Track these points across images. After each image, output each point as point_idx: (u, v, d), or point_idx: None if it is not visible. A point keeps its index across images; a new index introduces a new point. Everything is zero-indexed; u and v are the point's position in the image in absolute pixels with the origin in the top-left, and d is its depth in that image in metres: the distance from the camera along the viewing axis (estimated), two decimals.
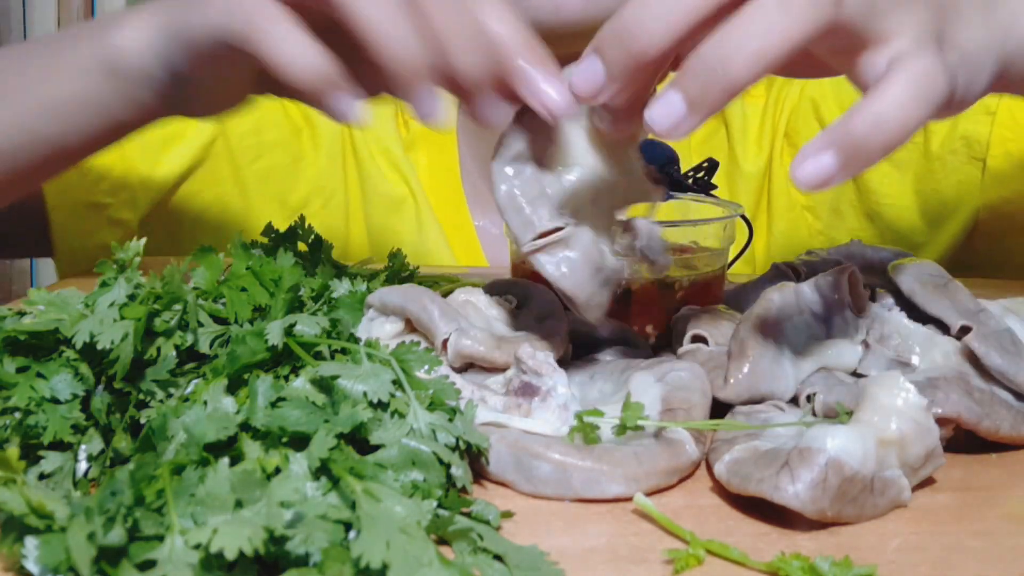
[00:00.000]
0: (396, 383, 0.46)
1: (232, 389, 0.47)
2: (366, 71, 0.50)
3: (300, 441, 0.42)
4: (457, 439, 0.45)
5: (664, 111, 0.44)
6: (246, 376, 0.47)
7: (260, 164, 0.99)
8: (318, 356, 0.49)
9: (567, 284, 0.51)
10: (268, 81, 0.56)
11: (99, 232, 0.91)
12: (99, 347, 0.46)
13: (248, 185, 0.98)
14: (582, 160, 0.52)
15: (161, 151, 0.94)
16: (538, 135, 0.51)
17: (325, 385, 0.46)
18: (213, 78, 0.58)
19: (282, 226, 0.65)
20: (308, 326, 0.50)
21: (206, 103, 0.62)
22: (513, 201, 0.51)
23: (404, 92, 0.50)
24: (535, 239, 0.50)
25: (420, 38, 0.49)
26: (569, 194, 0.52)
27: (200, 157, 0.96)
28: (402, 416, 0.45)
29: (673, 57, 0.47)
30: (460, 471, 0.44)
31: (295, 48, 0.49)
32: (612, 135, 0.51)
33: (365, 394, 0.45)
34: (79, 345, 0.47)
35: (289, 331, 0.49)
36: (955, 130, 0.92)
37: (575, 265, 0.51)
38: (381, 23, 0.48)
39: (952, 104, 0.48)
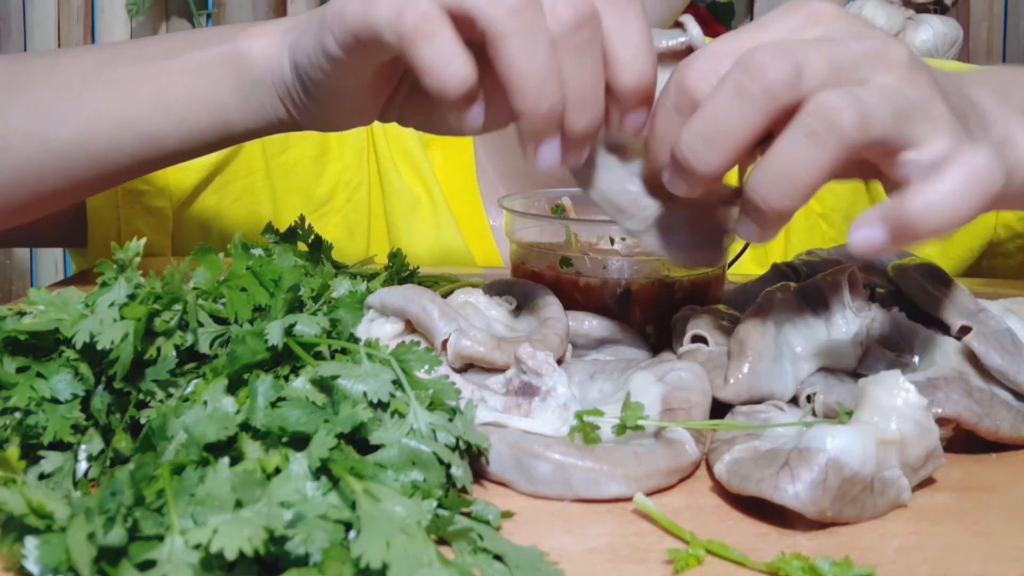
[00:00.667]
0: (396, 383, 0.46)
1: (232, 389, 0.47)
2: (491, 87, 0.51)
3: (300, 441, 0.42)
4: (457, 439, 0.45)
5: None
6: (246, 376, 0.47)
7: (287, 156, 0.98)
8: (318, 356, 0.49)
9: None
10: (401, 97, 0.59)
11: (134, 219, 0.92)
12: (99, 347, 0.46)
13: (275, 176, 0.98)
14: None
15: None
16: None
17: (325, 385, 0.46)
18: (350, 81, 0.58)
19: (308, 218, 0.65)
20: (308, 326, 0.50)
21: (335, 111, 0.62)
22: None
23: (529, 136, 0.52)
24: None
25: (560, 93, 0.50)
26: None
27: (236, 147, 0.95)
28: (402, 416, 0.45)
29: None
30: (460, 471, 0.44)
31: (449, 55, 0.50)
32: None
33: (365, 394, 0.45)
34: (79, 345, 0.47)
35: (289, 331, 0.49)
36: None
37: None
38: (533, 76, 0.49)
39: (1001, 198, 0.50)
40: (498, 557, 0.40)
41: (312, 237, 0.66)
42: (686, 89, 0.50)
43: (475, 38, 0.50)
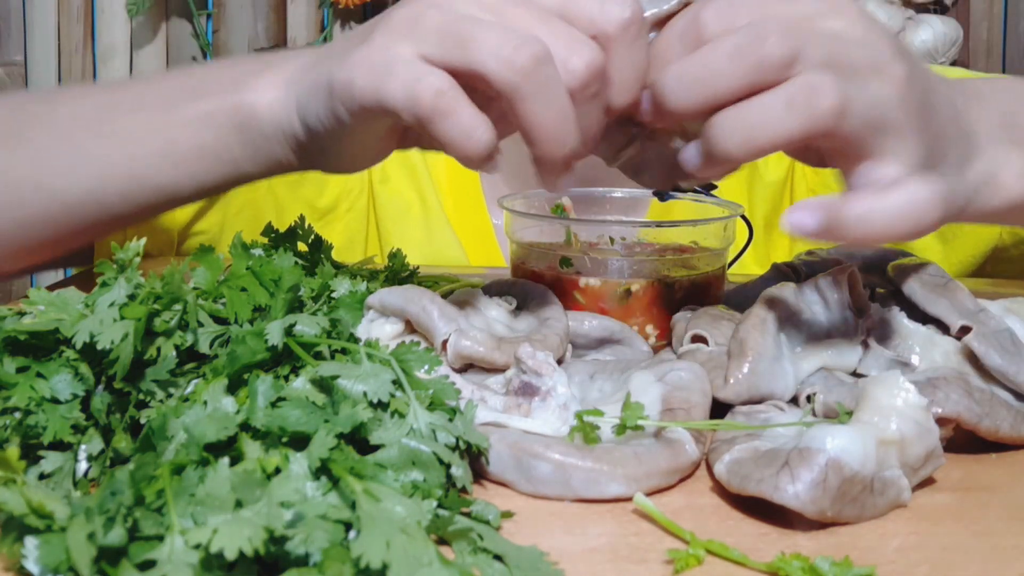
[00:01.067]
0: (396, 383, 0.46)
1: (232, 389, 0.47)
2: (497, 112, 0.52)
3: (300, 441, 0.42)
4: (457, 439, 0.45)
5: (688, 157, 0.53)
6: (246, 376, 0.47)
7: None
8: (318, 356, 0.49)
9: None
10: (411, 138, 0.59)
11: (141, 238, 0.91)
12: (99, 347, 0.46)
13: (279, 190, 0.98)
14: None
15: None
16: None
17: (325, 385, 0.46)
18: (363, 138, 0.58)
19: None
20: (308, 326, 0.50)
21: (348, 160, 0.61)
22: None
23: (548, 174, 0.54)
24: None
25: (575, 138, 0.52)
26: None
27: None
28: (402, 416, 0.45)
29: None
30: (460, 471, 0.44)
31: (469, 127, 0.51)
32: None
33: (365, 394, 0.45)
34: (79, 345, 0.47)
35: (289, 331, 0.49)
36: None
37: None
38: (551, 131, 0.51)
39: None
40: (498, 557, 0.40)
41: (312, 237, 0.66)
42: (697, 24, 0.51)
43: (487, 90, 0.51)
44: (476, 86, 0.51)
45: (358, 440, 0.44)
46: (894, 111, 0.50)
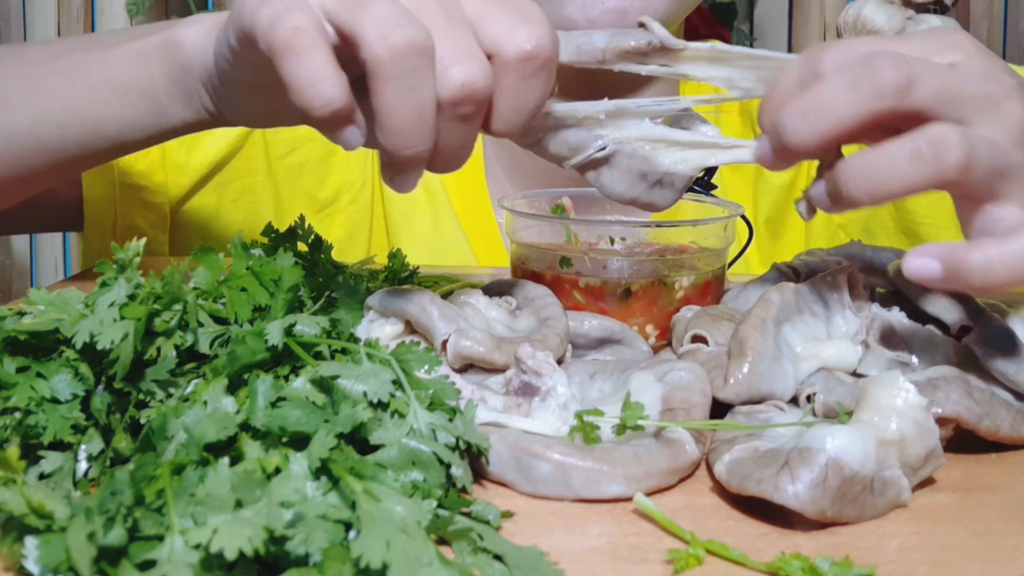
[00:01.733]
0: (396, 383, 0.46)
1: (232, 389, 0.47)
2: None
3: (300, 441, 0.42)
4: (457, 439, 0.45)
5: (817, 195, 0.54)
6: (246, 376, 0.47)
7: (292, 158, 0.98)
8: (318, 356, 0.49)
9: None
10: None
11: (131, 214, 0.92)
12: (99, 347, 0.46)
13: (279, 178, 0.98)
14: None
15: (197, 137, 0.93)
16: None
17: (325, 385, 0.46)
18: (250, 76, 0.57)
19: (311, 220, 0.65)
20: (308, 326, 0.50)
21: (246, 106, 0.62)
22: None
23: (387, 167, 0.52)
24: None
25: (426, 144, 0.50)
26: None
27: (236, 146, 0.95)
28: (402, 416, 0.45)
29: None
30: (460, 471, 0.44)
31: (316, 75, 0.48)
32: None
33: (365, 394, 0.45)
34: (79, 345, 0.47)
35: (289, 331, 0.49)
36: None
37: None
38: (400, 124, 0.49)
39: None
40: (498, 557, 0.40)
41: (312, 237, 0.66)
42: (814, 67, 0.52)
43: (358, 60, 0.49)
44: (355, 54, 0.49)
45: (358, 440, 0.44)
46: (1016, 156, 0.51)
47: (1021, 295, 0.60)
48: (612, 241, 0.69)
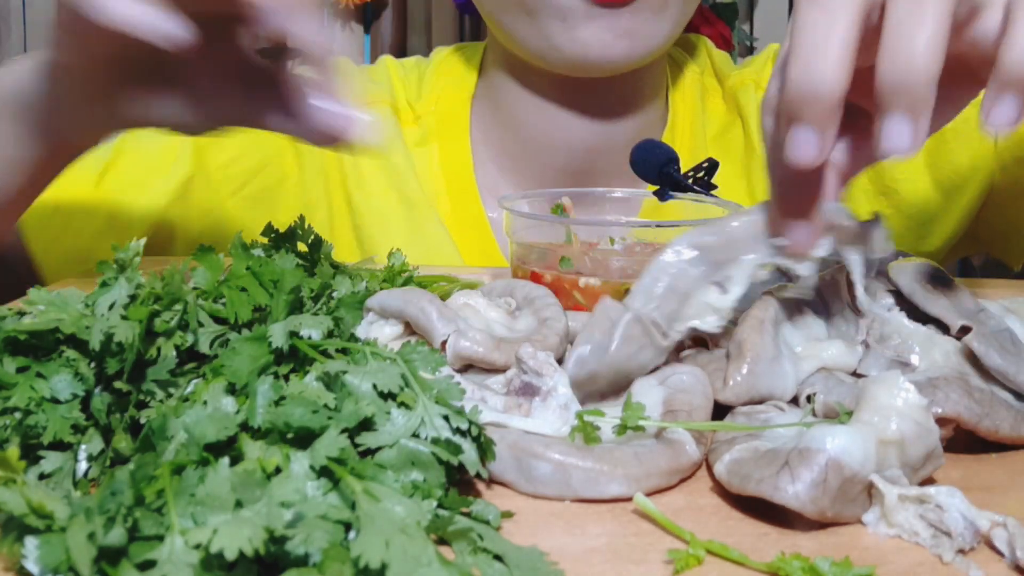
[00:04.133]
0: (403, 379, 0.46)
1: (232, 389, 0.47)
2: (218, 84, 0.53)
3: (302, 440, 0.42)
4: (470, 423, 0.45)
5: (897, 135, 0.47)
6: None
7: (246, 191, 0.98)
8: (323, 355, 0.49)
9: None
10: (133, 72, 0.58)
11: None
12: (114, 342, 0.46)
13: (233, 214, 0.97)
14: None
15: (141, 189, 0.93)
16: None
17: (331, 383, 0.46)
18: (78, 58, 0.58)
19: None
20: (313, 328, 0.49)
21: (80, 117, 0.63)
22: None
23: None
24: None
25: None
26: None
27: (177, 194, 0.94)
28: (409, 408, 0.45)
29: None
30: (473, 455, 0.44)
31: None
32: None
33: (375, 386, 0.45)
34: (96, 346, 0.46)
35: (294, 334, 0.49)
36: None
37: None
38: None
39: None
40: (498, 557, 0.40)
41: (312, 237, 0.66)
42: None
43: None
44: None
45: (356, 444, 0.44)
46: None
47: (1021, 295, 0.60)
48: (612, 241, 0.69)
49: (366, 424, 0.44)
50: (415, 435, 0.44)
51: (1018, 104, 0.47)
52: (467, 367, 0.54)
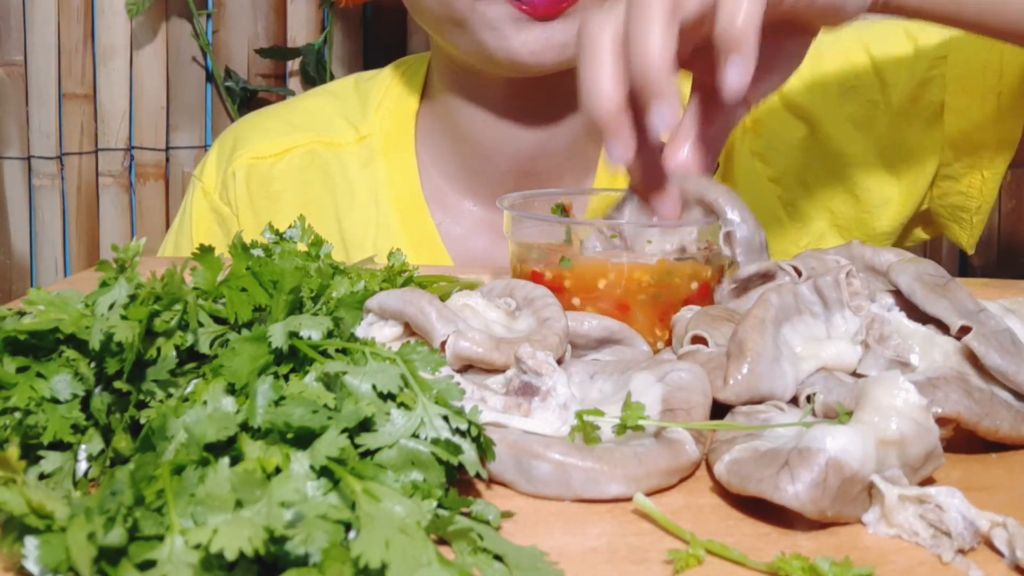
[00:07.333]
0: (402, 379, 0.46)
1: (232, 389, 0.47)
2: None
3: (302, 440, 0.42)
4: (469, 423, 0.45)
5: (737, 75, 0.58)
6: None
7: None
8: (322, 355, 0.49)
9: None
10: None
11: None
12: (114, 342, 0.46)
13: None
14: None
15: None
16: None
17: (331, 383, 0.46)
18: None
19: None
20: (313, 328, 0.49)
21: None
22: None
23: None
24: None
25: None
26: None
27: None
28: (409, 408, 0.45)
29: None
30: (473, 455, 0.44)
31: None
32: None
33: (375, 386, 0.45)
34: (97, 346, 0.46)
35: (294, 335, 0.49)
36: (912, 78, 0.96)
37: None
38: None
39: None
40: (498, 557, 0.40)
41: (312, 237, 0.66)
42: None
43: None
44: None
45: (356, 445, 0.44)
46: None
47: (1021, 295, 0.60)
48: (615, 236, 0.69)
49: (366, 424, 0.44)
50: (415, 435, 0.44)
51: (740, 64, 0.57)
52: (467, 367, 0.54)
